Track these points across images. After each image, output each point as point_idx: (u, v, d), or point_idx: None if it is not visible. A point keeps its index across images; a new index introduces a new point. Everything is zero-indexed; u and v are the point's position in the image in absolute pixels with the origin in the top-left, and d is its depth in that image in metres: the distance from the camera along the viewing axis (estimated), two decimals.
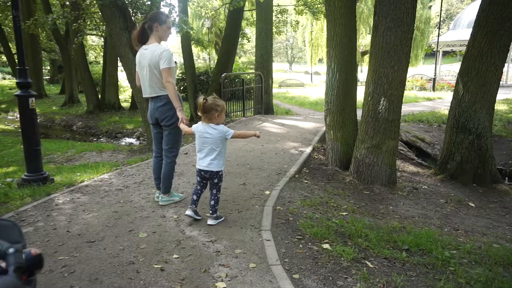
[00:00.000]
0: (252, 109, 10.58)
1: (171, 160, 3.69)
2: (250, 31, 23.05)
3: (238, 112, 10.00)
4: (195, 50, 27.16)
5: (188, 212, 3.22)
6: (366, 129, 5.10)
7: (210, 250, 2.76)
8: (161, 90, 3.43)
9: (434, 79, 18.78)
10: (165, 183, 3.70)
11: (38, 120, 4.98)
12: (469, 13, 23.25)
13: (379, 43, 4.77)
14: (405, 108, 13.63)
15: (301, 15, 15.35)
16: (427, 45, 28.21)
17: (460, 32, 22.16)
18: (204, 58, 42.71)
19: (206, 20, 25.41)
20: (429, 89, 19.97)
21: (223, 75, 9.22)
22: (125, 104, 17.32)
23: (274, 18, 13.27)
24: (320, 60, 34.63)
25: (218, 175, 3.19)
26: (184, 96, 18.81)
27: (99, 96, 16.00)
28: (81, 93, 18.17)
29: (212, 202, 3.22)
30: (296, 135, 7.58)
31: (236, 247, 2.80)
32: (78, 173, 5.13)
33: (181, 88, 19.90)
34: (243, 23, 15.05)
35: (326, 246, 2.85)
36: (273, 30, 12.78)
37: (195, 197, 3.23)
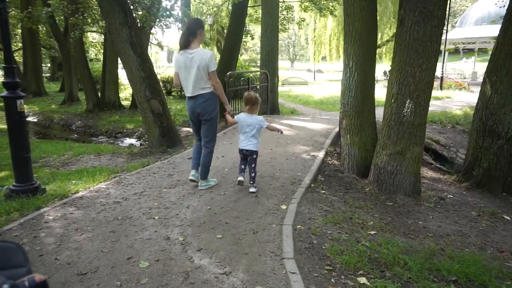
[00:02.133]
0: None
1: (210, 150, 4.21)
2: (253, 29, 22.50)
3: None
4: None
5: (239, 178, 4.16)
6: (388, 134, 4.62)
7: (224, 286, 2.29)
8: (204, 89, 3.90)
9: (442, 77, 18.25)
10: (204, 170, 4.21)
11: (37, 119, 4.49)
12: (477, 10, 22.71)
13: (405, 40, 4.28)
14: None
15: (306, 11, 14.83)
16: None
17: (467, 29, 21.62)
18: None
19: (208, 17, 24.83)
20: (436, 88, 19.45)
21: (227, 73, 8.73)
22: (126, 103, 16.82)
23: (279, 14, 12.76)
24: (323, 58, 34.08)
25: (256, 153, 4.11)
26: (182, 94, 18.40)
27: (99, 94, 15.49)
28: (81, 91, 17.68)
29: (253, 175, 4.12)
30: (306, 138, 7.10)
31: (255, 283, 2.32)
32: (73, 181, 4.65)
33: (179, 89, 19.41)
34: (247, 20, 14.52)
35: (363, 280, 2.38)
36: (279, 27, 12.25)
37: (242, 166, 4.19)
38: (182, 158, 5.88)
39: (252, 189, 4.06)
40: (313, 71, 32.73)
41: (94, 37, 28.34)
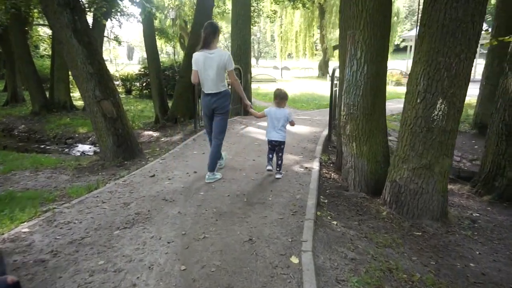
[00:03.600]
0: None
1: (220, 142, 4.29)
2: (220, 24, 21.14)
3: None
4: (158, 42, 24.86)
5: (268, 167, 4.40)
6: (411, 143, 3.56)
7: None
8: (221, 87, 4.10)
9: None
10: (213, 162, 4.24)
11: None
12: None
13: (438, 20, 3.22)
14: (391, 106, 12.46)
15: (278, 3, 13.70)
16: (398, 39, 27.59)
17: None
18: (168, 53, 40.11)
19: (170, 10, 23.15)
20: (405, 84, 19.03)
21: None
22: (79, 103, 14.91)
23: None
24: (289, 55, 33.25)
25: (283, 143, 4.30)
26: (148, 93, 16.74)
27: (47, 94, 13.55)
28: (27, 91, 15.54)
29: (279, 162, 4.33)
30: (292, 144, 5.96)
31: None
32: None
33: (144, 85, 17.76)
34: (214, 12, 13.17)
35: None
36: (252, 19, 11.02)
37: (270, 155, 4.39)
38: (142, 175, 4.55)
39: (278, 176, 4.35)
40: (280, 68, 31.78)
41: (46, 32, 25.72)
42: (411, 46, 25.57)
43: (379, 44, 3.88)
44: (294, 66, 38.40)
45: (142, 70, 17.84)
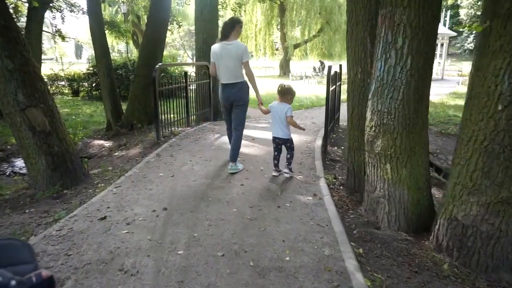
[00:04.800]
0: (197, 115, 7.38)
1: (240, 134, 4.29)
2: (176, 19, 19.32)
3: (180, 122, 6.73)
4: (109, 39, 22.60)
5: (274, 173, 4.11)
6: (485, 168, 2.45)
7: None
8: (238, 78, 4.14)
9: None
10: (234, 153, 4.25)
11: None
12: None
13: None
14: None
15: None
16: None
17: None
18: (120, 51, 37.31)
19: (122, 4, 21.01)
20: None
21: (158, 65, 5.92)
22: None
23: None
24: (250, 54, 32.02)
25: (289, 141, 4.04)
26: (98, 94, 14.70)
27: None
28: None
29: (288, 156, 4.07)
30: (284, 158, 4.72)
31: None
32: None
33: (93, 85, 15.69)
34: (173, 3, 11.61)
35: None
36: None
37: (275, 161, 4.12)
38: (88, 218, 3.07)
39: (286, 173, 4.08)
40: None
41: None
42: None
43: (429, 28, 2.73)
44: (254, 65, 37.33)
45: (91, 68, 15.73)
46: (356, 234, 2.93)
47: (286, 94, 3.99)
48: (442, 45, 24.05)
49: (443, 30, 22.30)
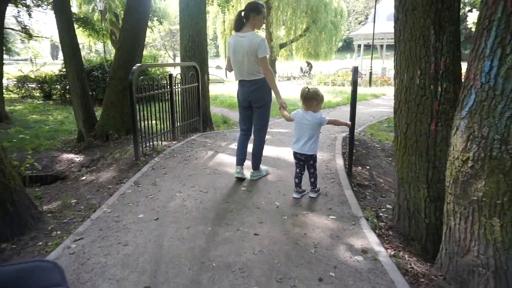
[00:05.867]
0: (185, 125, 6.13)
1: (261, 139, 3.78)
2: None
3: (164, 135, 5.47)
4: (84, 38, 20.97)
5: (295, 195, 3.36)
6: None
7: None
8: (256, 75, 3.52)
9: (371, 73, 16.45)
10: (256, 159, 3.81)
11: None
12: (387, 6, 21.86)
13: None
14: (365, 110, 10.64)
15: None
16: (341, 39, 26.56)
17: (379, 25, 20.40)
18: (98, 51, 35.39)
19: (98, 1, 19.41)
20: (363, 85, 17.73)
21: (135, 66, 4.66)
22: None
23: None
24: None
25: (313, 157, 3.32)
26: (67, 98, 13.21)
27: None
28: None
29: (312, 180, 3.37)
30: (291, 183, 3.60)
31: None
32: None
33: (66, 88, 14.13)
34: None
35: None
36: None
37: (297, 180, 3.38)
38: None
39: (312, 194, 3.39)
40: (224, 67, 29.30)
41: None
42: (359, 45, 24.64)
43: None
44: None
45: (64, 70, 14.19)
46: None
47: (311, 99, 3.22)
48: None
49: None
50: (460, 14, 2.74)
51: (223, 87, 19.44)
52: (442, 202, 2.63)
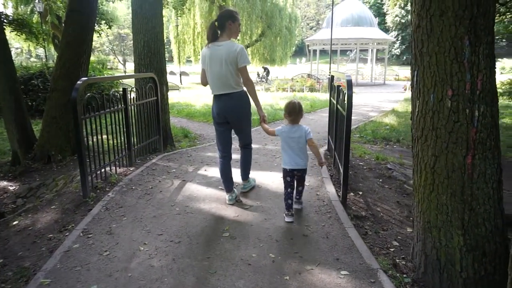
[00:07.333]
0: (143, 147, 5.20)
1: (249, 150, 3.58)
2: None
3: (119, 160, 4.53)
4: (21, 42, 18.88)
5: (288, 219, 3.07)
6: None
7: None
8: (235, 87, 3.20)
9: (332, 77, 16.28)
10: (246, 170, 3.65)
11: None
12: (340, 12, 22.08)
13: None
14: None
15: None
16: (295, 44, 26.55)
17: (334, 31, 20.49)
18: (39, 56, 32.44)
19: (37, 2, 17.48)
20: (320, 90, 17.58)
21: (81, 80, 3.70)
22: None
23: None
24: (188, 59, 29.64)
25: (304, 171, 3.20)
26: None
27: None
28: None
29: (300, 188, 3.29)
30: (293, 231, 2.94)
31: None
32: None
33: None
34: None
35: None
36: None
37: (290, 201, 3.13)
38: None
39: (297, 206, 3.31)
40: (178, 73, 28.00)
41: None
42: (314, 50, 24.70)
43: None
44: (193, 71, 34.99)
45: None
46: None
47: (301, 113, 3.10)
48: (372, 50, 24.13)
49: (383, 35, 22.28)
50: None
51: (179, 94, 18.34)
52: (481, 251, 2.12)
